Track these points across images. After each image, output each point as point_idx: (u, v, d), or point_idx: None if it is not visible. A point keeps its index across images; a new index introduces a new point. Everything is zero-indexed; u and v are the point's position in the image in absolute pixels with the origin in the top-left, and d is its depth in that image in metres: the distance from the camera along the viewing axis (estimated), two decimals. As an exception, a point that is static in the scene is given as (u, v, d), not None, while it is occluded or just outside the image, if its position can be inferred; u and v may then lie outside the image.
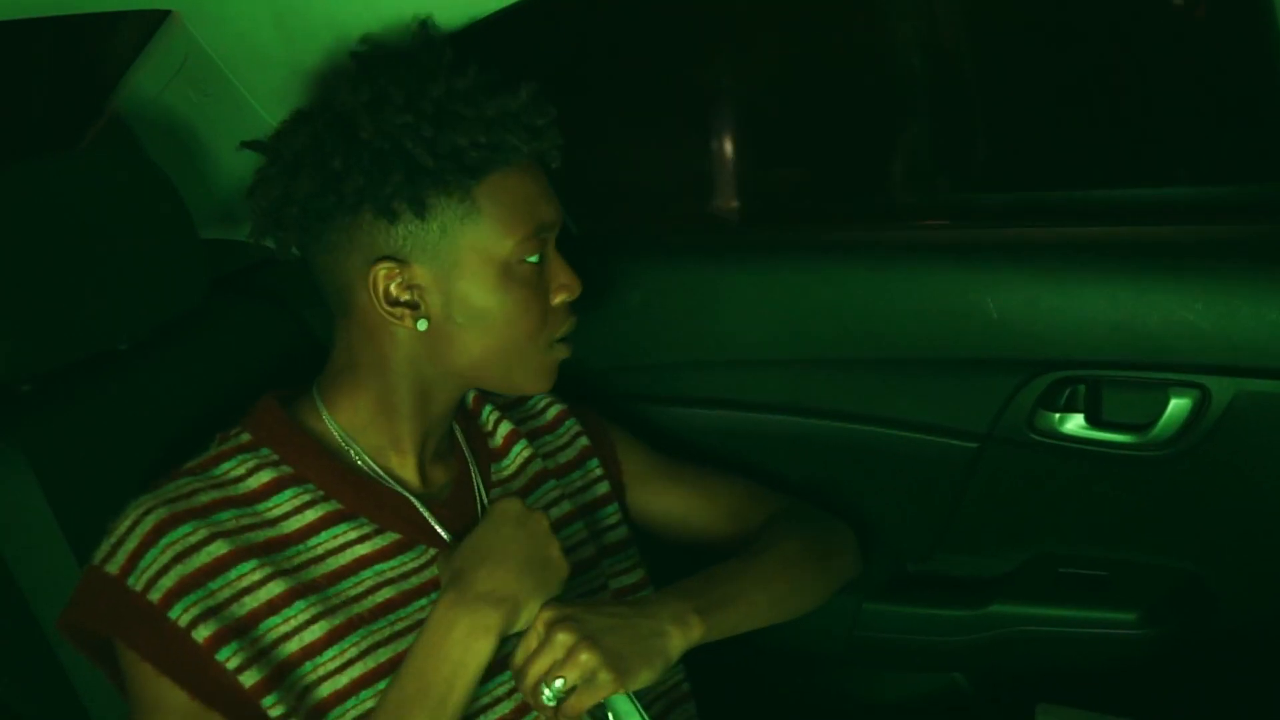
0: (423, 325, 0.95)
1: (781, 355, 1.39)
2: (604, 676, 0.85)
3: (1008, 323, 1.26)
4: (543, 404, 1.20)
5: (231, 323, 1.26)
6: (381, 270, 0.93)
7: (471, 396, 1.14)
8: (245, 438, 0.98)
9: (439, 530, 0.99)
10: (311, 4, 1.13)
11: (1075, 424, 1.26)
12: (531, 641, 0.87)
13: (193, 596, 0.87)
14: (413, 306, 0.94)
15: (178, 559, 0.88)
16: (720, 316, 1.40)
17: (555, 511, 1.08)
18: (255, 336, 1.27)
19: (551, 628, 0.86)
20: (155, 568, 0.88)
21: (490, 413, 1.13)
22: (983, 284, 1.27)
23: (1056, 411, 1.27)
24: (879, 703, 1.42)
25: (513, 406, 1.18)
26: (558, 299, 0.99)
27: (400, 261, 0.93)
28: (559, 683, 0.84)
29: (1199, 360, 1.19)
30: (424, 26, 1.02)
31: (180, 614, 0.86)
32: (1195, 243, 1.22)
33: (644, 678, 0.88)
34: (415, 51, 0.99)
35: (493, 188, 0.94)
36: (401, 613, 0.94)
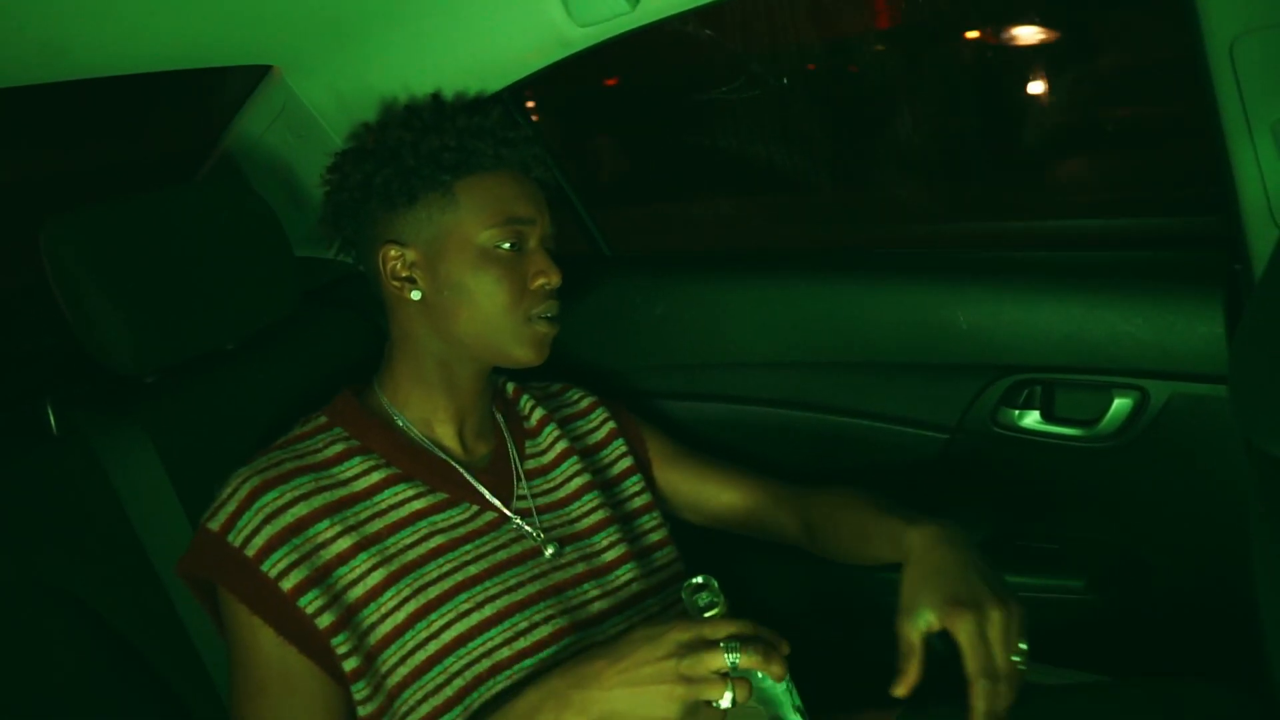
0: (416, 295, 1.01)
1: (781, 358, 1.39)
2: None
3: (975, 332, 1.26)
4: (576, 396, 1.22)
5: (319, 327, 1.28)
6: (391, 250, 1.01)
7: (511, 388, 1.17)
8: (322, 420, 1.03)
9: (481, 490, 1.02)
10: (388, 63, 1.15)
11: (1032, 419, 1.26)
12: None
13: (280, 552, 0.91)
14: (411, 281, 1.01)
15: (267, 520, 0.92)
16: (729, 325, 1.41)
17: (578, 482, 1.10)
18: (338, 339, 1.29)
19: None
20: (250, 528, 0.91)
21: (527, 400, 1.16)
22: (953, 299, 1.27)
23: (1016, 409, 1.27)
24: (864, 656, 1.42)
25: (549, 398, 1.20)
26: (536, 283, 1.02)
27: (400, 244, 1.02)
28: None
29: (1139, 366, 1.18)
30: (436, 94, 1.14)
31: (270, 567, 0.90)
32: (1137, 266, 1.21)
33: None
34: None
35: (470, 185, 1.01)
36: (449, 556, 0.96)
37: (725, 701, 0.73)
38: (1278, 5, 0.79)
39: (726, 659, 0.73)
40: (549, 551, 1.01)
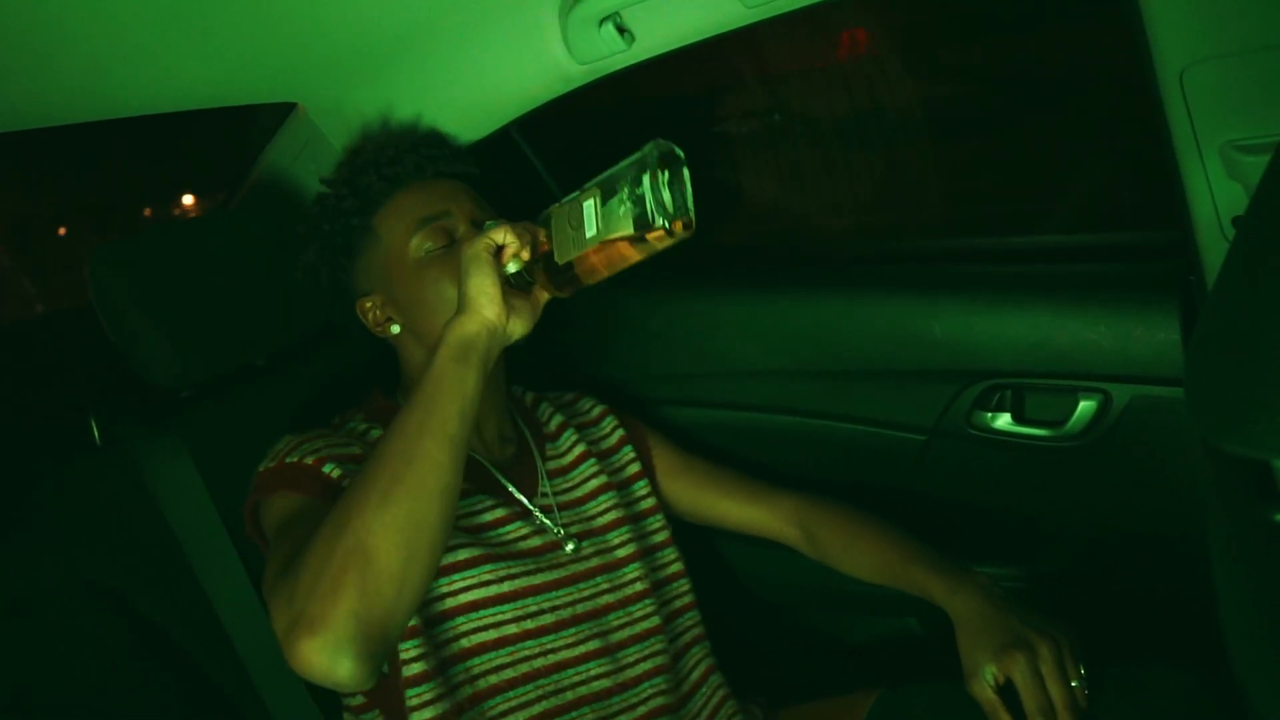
0: (396, 329, 1.03)
1: (771, 366, 1.39)
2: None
3: (949, 341, 1.26)
4: (588, 405, 1.22)
5: (342, 342, 1.28)
6: (367, 303, 1.04)
7: (530, 396, 1.17)
8: (360, 415, 1.05)
9: (507, 485, 1.03)
10: (403, 100, 1.15)
11: (1003, 421, 1.26)
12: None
13: (337, 462, 0.92)
14: (389, 319, 1.03)
15: (326, 445, 0.94)
16: (721, 337, 1.41)
17: (594, 483, 1.10)
18: (359, 353, 1.29)
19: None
20: (310, 448, 0.94)
21: (546, 407, 1.16)
22: (929, 311, 1.28)
23: (989, 411, 1.27)
24: (849, 641, 1.42)
25: (565, 406, 1.21)
26: None
27: (367, 293, 1.04)
28: None
29: (1102, 371, 1.18)
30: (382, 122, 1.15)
31: (330, 470, 0.92)
32: (1100, 278, 1.22)
33: None
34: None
35: (383, 216, 1.03)
36: (475, 535, 0.98)
37: (500, 237, 0.84)
38: (1223, 37, 0.80)
39: (487, 225, 0.86)
40: (569, 547, 1.02)
